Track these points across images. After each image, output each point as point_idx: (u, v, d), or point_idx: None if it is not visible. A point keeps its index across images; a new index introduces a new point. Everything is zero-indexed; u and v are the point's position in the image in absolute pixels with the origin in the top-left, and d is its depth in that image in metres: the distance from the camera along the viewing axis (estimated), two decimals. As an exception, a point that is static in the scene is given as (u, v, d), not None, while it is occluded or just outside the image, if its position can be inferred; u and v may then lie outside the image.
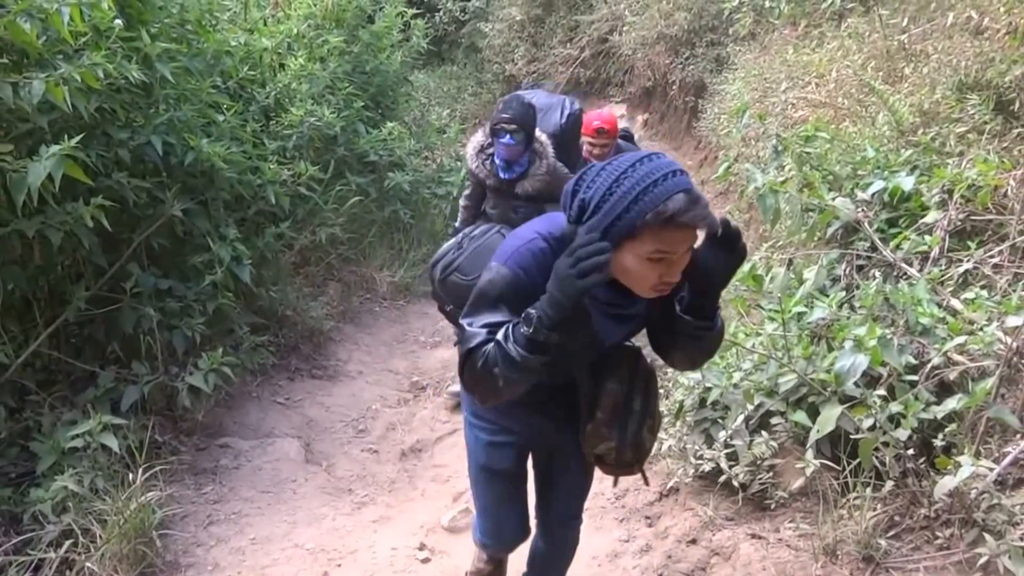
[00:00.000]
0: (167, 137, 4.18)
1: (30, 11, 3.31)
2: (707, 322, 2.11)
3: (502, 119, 4.19)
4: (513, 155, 4.26)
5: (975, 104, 4.22)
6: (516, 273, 1.98)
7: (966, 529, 2.73)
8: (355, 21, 7.19)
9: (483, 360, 1.91)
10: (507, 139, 4.19)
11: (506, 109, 4.21)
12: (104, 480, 3.53)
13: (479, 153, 4.45)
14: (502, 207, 4.52)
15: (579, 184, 1.94)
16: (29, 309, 3.96)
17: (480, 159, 4.44)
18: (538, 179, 4.33)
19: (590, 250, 1.79)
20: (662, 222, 1.79)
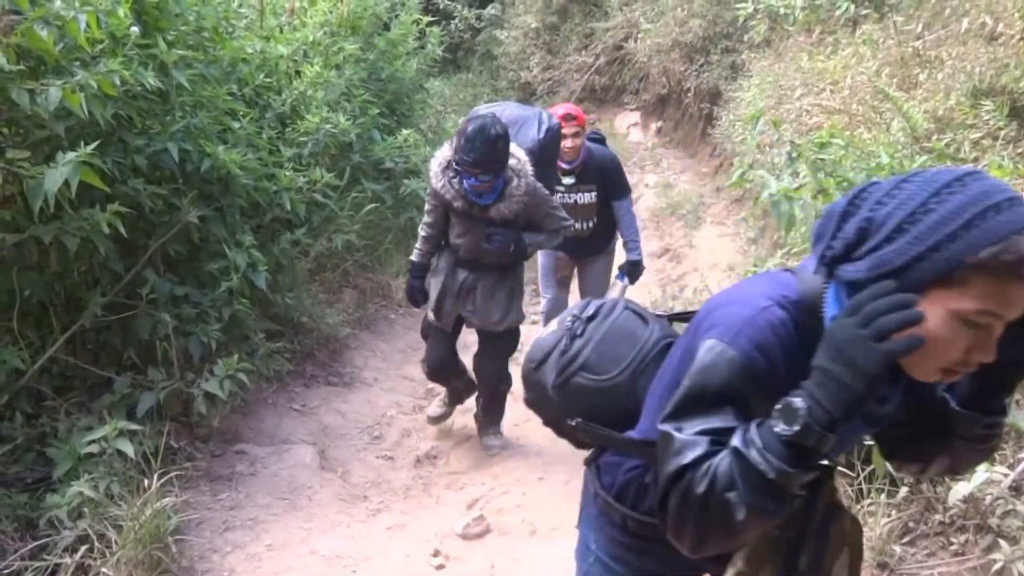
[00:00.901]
0: (183, 144, 4.21)
1: (47, 18, 3.34)
2: (999, 417, 1.49)
3: (465, 162, 3.75)
4: (484, 189, 3.88)
5: (990, 110, 4.20)
6: (751, 357, 1.33)
7: (981, 535, 2.71)
8: (371, 29, 7.24)
9: (708, 482, 1.28)
10: (471, 181, 3.83)
11: (468, 149, 3.70)
12: (120, 486, 3.54)
13: (445, 170, 3.97)
14: (472, 235, 4.12)
15: (858, 200, 1.33)
16: (46, 315, 3.99)
17: (446, 177, 3.96)
18: (516, 200, 3.96)
19: (893, 301, 1.20)
20: (1006, 267, 1.19)
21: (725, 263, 6.59)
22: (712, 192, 8.46)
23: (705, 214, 7.97)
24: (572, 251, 5.09)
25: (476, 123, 3.73)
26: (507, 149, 3.82)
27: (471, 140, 3.68)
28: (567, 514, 3.94)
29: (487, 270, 4.25)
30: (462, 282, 4.27)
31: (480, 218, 4.02)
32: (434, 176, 3.99)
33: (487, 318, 4.30)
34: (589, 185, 4.88)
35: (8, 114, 3.44)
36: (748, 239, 6.78)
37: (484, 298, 4.27)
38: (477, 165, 3.72)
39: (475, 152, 3.69)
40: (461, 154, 3.72)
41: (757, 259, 5.67)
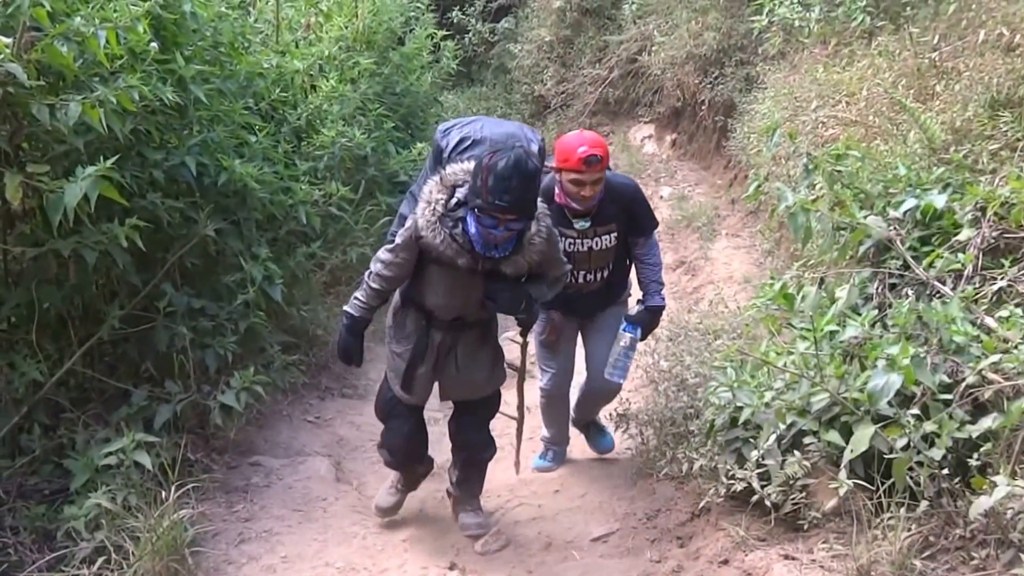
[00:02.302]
0: (200, 158, 4.25)
1: (68, 34, 3.38)
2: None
3: (495, 207, 3.02)
4: (504, 240, 3.20)
5: (1008, 121, 4.17)
6: None
7: (1002, 550, 2.68)
8: (386, 43, 7.28)
9: None
10: (500, 231, 3.12)
11: (501, 190, 2.99)
12: (137, 497, 3.56)
13: (443, 219, 3.22)
14: (465, 293, 3.42)
15: None
16: (64, 328, 4.02)
17: (444, 227, 3.21)
18: (535, 250, 3.30)
19: None
20: None
21: (740, 275, 6.57)
22: (727, 204, 8.44)
23: (720, 226, 7.95)
24: (576, 310, 4.22)
25: (507, 157, 3.01)
26: (539, 190, 3.21)
27: (504, 179, 2.97)
28: (583, 527, 3.94)
29: (468, 327, 3.61)
30: (439, 345, 3.59)
31: (484, 274, 3.35)
32: (426, 227, 3.22)
33: (471, 384, 3.72)
34: (608, 226, 3.99)
35: (29, 129, 3.47)
36: (763, 251, 6.76)
37: (466, 361, 3.65)
38: (514, 209, 3.04)
39: (511, 194, 2.98)
40: (491, 197, 3.00)
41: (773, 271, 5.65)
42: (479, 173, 3.05)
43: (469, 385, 3.73)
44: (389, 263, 3.44)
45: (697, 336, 5.03)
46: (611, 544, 3.79)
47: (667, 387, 4.40)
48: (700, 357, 4.51)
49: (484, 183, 3.03)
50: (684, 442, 3.93)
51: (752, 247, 7.18)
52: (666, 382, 4.48)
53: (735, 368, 3.64)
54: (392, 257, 3.43)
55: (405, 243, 3.35)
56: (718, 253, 7.43)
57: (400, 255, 3.40)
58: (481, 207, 3.06)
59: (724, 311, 5.35)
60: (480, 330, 3.66)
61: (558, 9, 12.26)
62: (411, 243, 3.33)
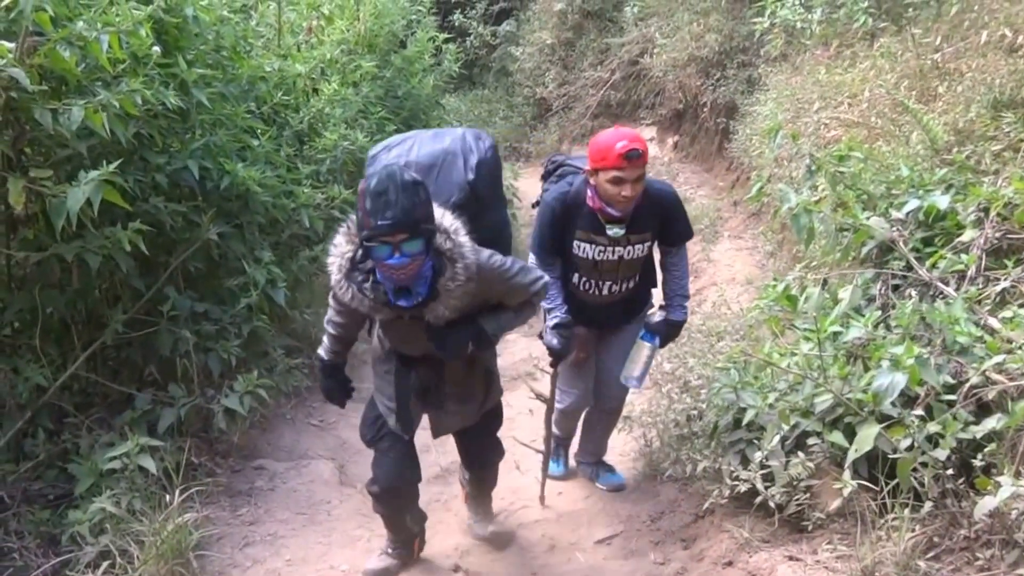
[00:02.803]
0: (203, 162, 4.25)
1: (70, 39, 3.39)
2: None
3: (379, 229, 2.60)
4: (409, 274, 2.72)
5: (1010, 122, 4.17)
6: None
7: (1007, 550, 2.67)
8: (387, 46, 7.29)
9: None
10: (395, 259, 2.65)
11: (381, 208, 2.58)
12: (141, 501, 3.56)
13: (351, 273, 2.85)
14: (413, 338, 3.03)
15: None
16: (67, 332, 4.02)
17: (352, 284, 2.85)
18: (456, 295, 2.82)
19: None
20: None
21: (743, 277, 6.56)
22: (729, 206, 8.44)
23: (722, 228, 7.95)
24: (597, 322, 3.96)
25: (379, 174, 2.66)
26: (430, 205, 2.74)
27: (380, 195, 2.59)
28: (587, 529, 3.94)
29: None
30: (422, 379, 3.22)
31: (416, 321, 2.93)
32: (336, 284, 2.90)
33: (463, 418, 3.38)
34: (643, 234, 3.71)
35: (31, 133, 3.48)
36: (766, 253, 6.76)
37: (456, 396, 3.30)
38: (400, 225, 2.59)
39: (392, 208, 2.58)
40: (372, 219, 2.59)
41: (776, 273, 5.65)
42: (357, 203, 2.69)
43: (461, 418, 3.38)
44: (332, 320, 3.22)
45: (700, 338, 5.03)
46: (615, 546, 3.78)
47: (670, 389, 4.40)
48: (703, 359, 4.51)
49: (363, 209, 2.63)
50: (687, 444, 3.93)
51: (755, 249, 7.18)
52: (669, 384, 4.48)
53: (738, 369, 3.64)
54: (332, 314, 3.19)
55: (335, 302, 3.08)
56: (721, 255, 7.43)
57: (339, 313, 3.14)
58: (367, 236, 2.64)
59: (727, 313, 5.35)
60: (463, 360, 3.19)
61: (559, 12, 12.29)
62: (338, 302, 3.03)
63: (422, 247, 2.67)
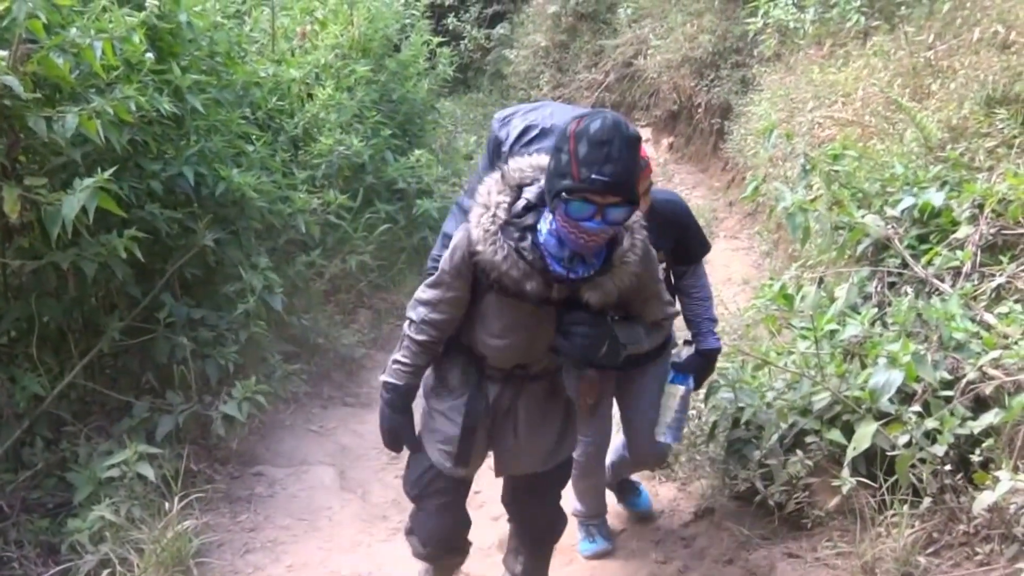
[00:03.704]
0: (198, 168, 4.24)
1: (63, 46, 3.39)
2: None
3: (593, 184, 2.12)
4: (599, 244, 2.30)
5: (1004, 118, 4.19)
6: None
7: (1006, 544, 2.69)
8: (382, 50, 7.28)
9: None
10: (595, 223, 2.19)
11: (598, 158, 2.12)
12: (141, 509, 3.55)
13: (505, 226, 2.34)
14: (530, 331, 2.50)
15: None
16: (64, 341, 4.01)
17: (507, 239, 2.33)
18: (628, 272, 2.37)
19: None
20: None
21: (740, 277, 6.57)
22: (725, 206, 8.45)
23: (718, 228, 7.96)
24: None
25: (603, 118, 2.18)
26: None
27: (603, 144, 2.12)
28: (587, 531, 3.93)
29: (532, 379, 2.67)
30: (495, 403, 2.67)
31: (557, 303, 2.42)
32: (483, 238, 2.34)
33: (534, 455, 2.77)
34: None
35: (25, 141, 3.48)
36: (762, 252, 6.77)
37: (530, 425, 2.71)
38: (619, 187, 2.15)
39: (614, 164, 2.12)
40: (586, 171, 2.13)
41: (772, 272, 5.66)
42: (563, 145, 2.19)
43: (532, 456, 2.78)
44: (437, 302, 2.56)
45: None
46: (616, 546, 3.78)
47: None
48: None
49: (573, 155, 2.15)
50: (687, 443, 3.93)
51: (751, 248, 7.19)
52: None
53: (736, 368, 3.65)
54: (439, 293, 2.55)
55: (456, 266, 2.46)
56: (717, 255, 7.42)
57: (450, 286, 2.52)
58: (571, 188, 2.15)
59: (724, 312, 5.35)
60: (548, 382, 2.72)
61: (553, 14, 12.30)
62: (464, 264, 2.44)
63: (626, 217, 2.25)
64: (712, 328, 3.28)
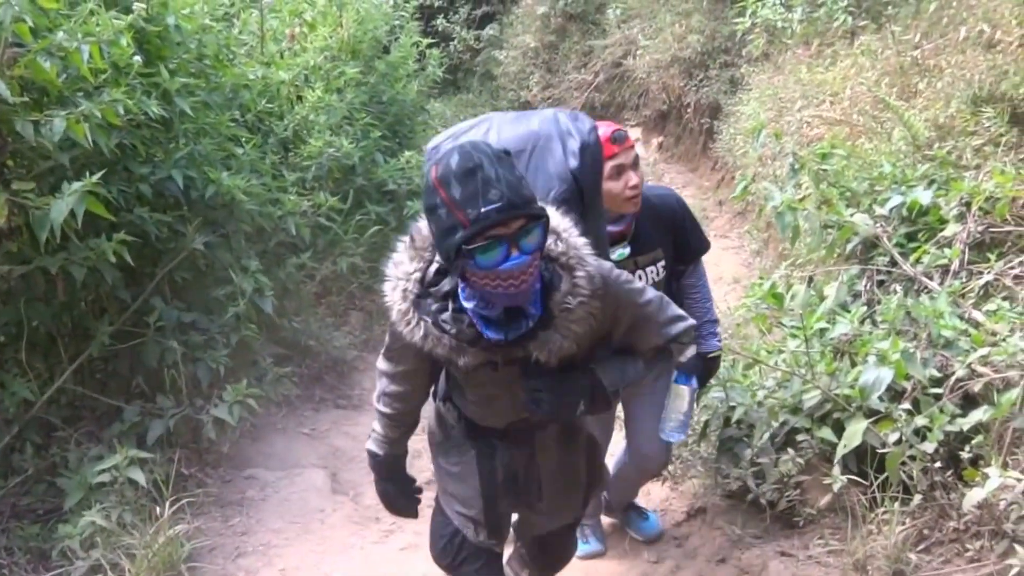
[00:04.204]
0: (187, 171, 4.23)
1: (50, 50, 3.37)
2: None
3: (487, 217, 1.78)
4: (529, 283, 1.90)
5: (990, 117, 4.21)
6: None
7: (996, 541, 2.70)
8: (371, 52, 7.27)
9: None
10: (514, 260, 1.83)
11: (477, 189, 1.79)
12: (132, 514, 3.54)
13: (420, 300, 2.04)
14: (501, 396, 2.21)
15: None
16: (53, 345, 3.99)
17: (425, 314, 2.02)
18: (580, 313, 1.99)
19: None
20: None
21: (730, 276, 6.58)
22: (714, 206, 8.47)
23: (708, 228, 7.96)
24: None
25: (458, 151, 1.85)
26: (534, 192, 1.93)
27: (470, 172, 1.80)
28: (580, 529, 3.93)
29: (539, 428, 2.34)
30: (507, 465, 2.37)
31: (517, 362, 2.08)
32: (399, 318, 2.06)
33: (564, 511, 2.53)
34: (652, 253, 3.04)
35: (13, 146, 3.46)
36: (752, 251, 6.78)
37: (553, 478, 2.41)
38: (515, 207, 1.80)
39: (497, 185, 1.79)
40: (472, 208, 1.78)
41: (762, 271, 5.67)
42: (435, 200, 1.85)
43: (560, 512, 2.53)
44: (393, 374, 2.33)
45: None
46: (609, 546, 3.78)
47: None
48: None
49: (449, 203, 1.81)
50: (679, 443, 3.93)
51: (741, 247, 7.20)
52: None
53: (727, 367, 3.66)
54: (392, 366, 2.32)
55: (391, 347, 2.27)
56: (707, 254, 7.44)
57: (400, 360, 2.28)
58: (468, 237, 1.80)
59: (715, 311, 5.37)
60: (558, 426, 2.37)
61: (542, 15, 12.31)
62: (399, 343, 2.16)
63: (542, 236, 1.88)
64: (714, 329, 3.21)
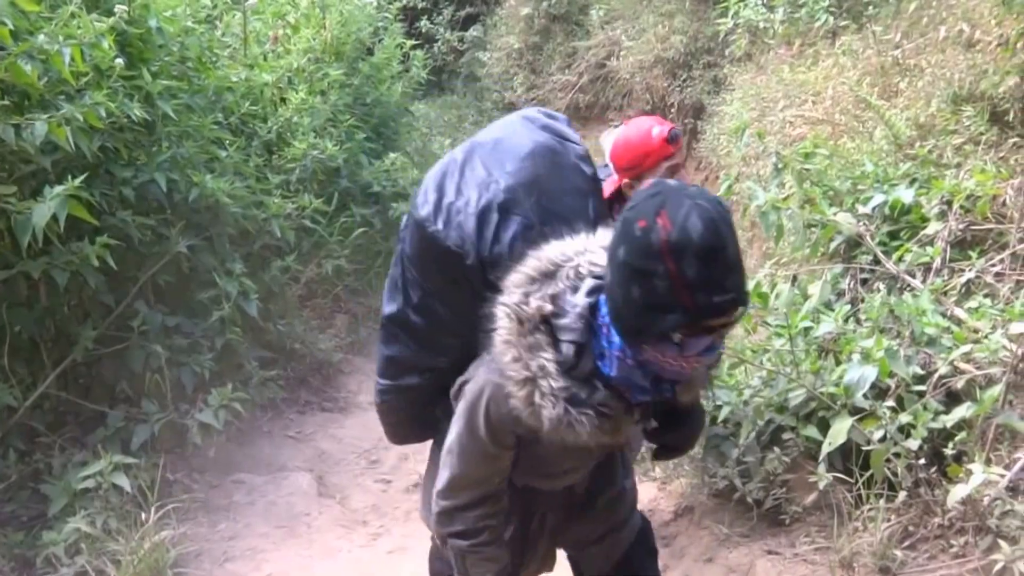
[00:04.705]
0: (170, 174, 4.21)
1: (31, 52, 3.35)
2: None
3: (717, 309, 1.51)
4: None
5: (970, 116, 4.24)
6: None
7: (980, 536, 2.72)
8: (355, 54, 7.26)
9: None
10: (713, 351, 1.63)
11: (717, 276, 1.48)
12: (117, 520, 3.52)
13: (572, 401, 1.67)
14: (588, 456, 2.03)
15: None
16: (36, 351, 3.96)
17: (580, 414, 1.67)
18: None
19: None
20: None
21: (715, 275, 6.59)
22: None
23: (693, 227, 7.99)
24: None
25: (699, 215, 1.47)
26: None
27: (714, 253, 1.48)
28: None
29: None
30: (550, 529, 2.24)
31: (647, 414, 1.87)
32: (552, 428, 1.68)
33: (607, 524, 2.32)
34: None
35: (-6, 150, 3.44)
36: (737, 251, 6.79)
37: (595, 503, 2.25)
38: (744, 298, 1.56)
39: (734, 274, 1.52)
40: (703, 297, 1.48)
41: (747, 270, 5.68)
42: (652, 267, 1.48)
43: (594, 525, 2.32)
44: (489, 512, 1.94)
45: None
46: (596, 547, 3.79)
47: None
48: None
49: (677, 279, 1.47)
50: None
51: (725, 247, 7.21)
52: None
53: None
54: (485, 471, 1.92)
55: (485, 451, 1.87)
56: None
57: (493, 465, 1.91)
58: (689, 324, 1.52)
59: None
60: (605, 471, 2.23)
61: (526, 16, 12.30)
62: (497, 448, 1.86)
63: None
64: None
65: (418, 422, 2.26)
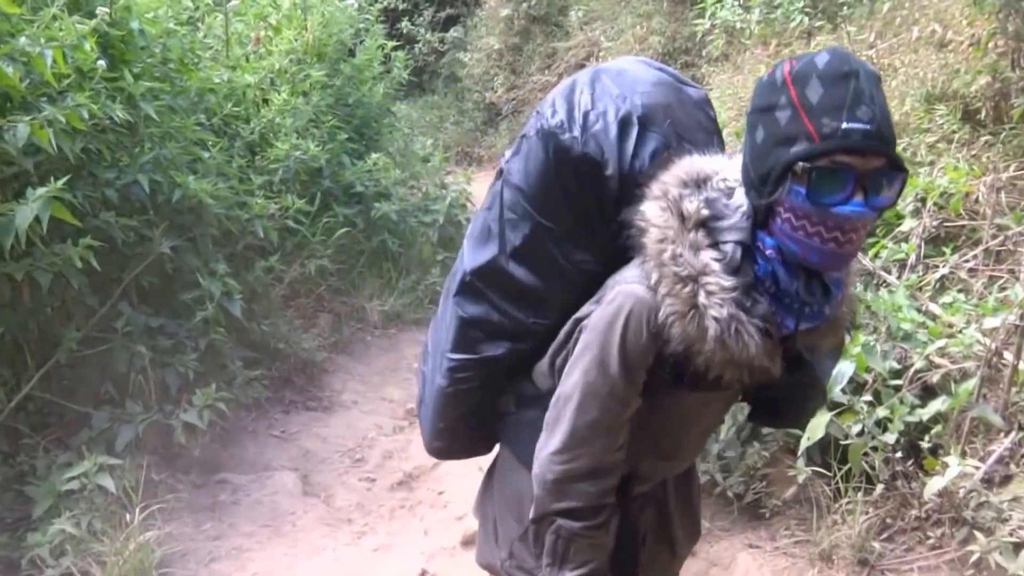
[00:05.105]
0: (153, 175, 4.20)
1: (13, 55, 3.35)
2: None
3: (849, 138, 1.31)
4: (853, 252, 1.46)
5: (943, 114, 4.31)
6: None
7: (957, 528, 2.78)
8: (336, 55, 7.26)
9: None
10: (855, 206, 1.35)
11: (845, 99, 1.31)
12: (102, 521, 3.52)
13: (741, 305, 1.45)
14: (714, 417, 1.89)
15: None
16: (19, 352, 3.95)
17: (750, 322, 1.45)
18: (847, 296, 1.62)
19: None
20: None
21: (695, 274, 6.64)
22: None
23: (674, 227, 8.04)
24: None
25: (830, 52, 1.39)
26: None
27: (845, 77, 1.34)
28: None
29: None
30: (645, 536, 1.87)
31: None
32: (717, 337, 1.45)
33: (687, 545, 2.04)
34: None
35: (-24, 152, 3.43)
36: (717, 249, 6.85)
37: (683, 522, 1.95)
38: (884, 140, 1.35)
39: (870, 104, 1.33)
40: (834, 120, 1.32)
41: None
42: (775, 99, 1.43)
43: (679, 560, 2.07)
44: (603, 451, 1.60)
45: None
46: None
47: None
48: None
49: (799, 105, 1.37)
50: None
51: (705, 245, 7.26)
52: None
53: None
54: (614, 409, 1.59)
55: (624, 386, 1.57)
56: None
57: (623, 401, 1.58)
58: (812, 152, 1.35)
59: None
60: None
61: (506, 17, 12.34)
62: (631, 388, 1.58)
63: (896, 196, 1.44)
64: None
65: (482, 422, 1.96)
